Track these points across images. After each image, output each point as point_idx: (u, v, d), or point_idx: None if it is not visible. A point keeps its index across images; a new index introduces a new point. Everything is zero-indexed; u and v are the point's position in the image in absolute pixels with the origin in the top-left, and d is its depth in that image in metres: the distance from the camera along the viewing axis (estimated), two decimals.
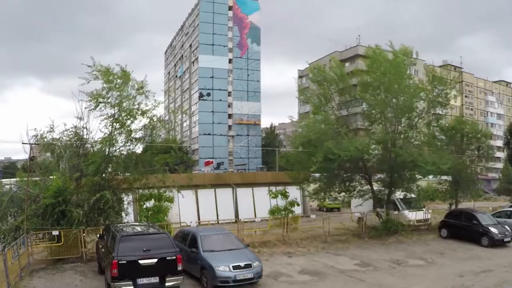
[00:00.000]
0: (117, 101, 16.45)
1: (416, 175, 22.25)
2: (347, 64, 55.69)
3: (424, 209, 24.24)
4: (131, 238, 11.53)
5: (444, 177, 26.73)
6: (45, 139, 16.65)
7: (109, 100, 16.37)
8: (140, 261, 10.80)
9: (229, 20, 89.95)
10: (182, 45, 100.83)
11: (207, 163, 72.84)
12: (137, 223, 17.07)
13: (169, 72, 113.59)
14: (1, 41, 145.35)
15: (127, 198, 18.59)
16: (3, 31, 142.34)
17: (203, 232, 14.09)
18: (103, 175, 16.72)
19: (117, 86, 16.40)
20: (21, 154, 17.24)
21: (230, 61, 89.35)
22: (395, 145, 21.29)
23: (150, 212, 18.69)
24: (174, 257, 11.17)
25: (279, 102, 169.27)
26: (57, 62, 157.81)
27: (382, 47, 22.69)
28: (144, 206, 18.86)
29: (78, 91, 16.43)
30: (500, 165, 63.24)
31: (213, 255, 12.58)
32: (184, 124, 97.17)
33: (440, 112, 25.03)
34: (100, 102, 16.27)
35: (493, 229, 19.31)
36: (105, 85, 16.36)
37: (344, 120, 23.68)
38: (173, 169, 20.49)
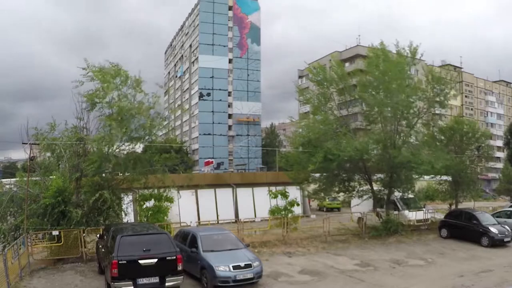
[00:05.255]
0: (113, 101, 16.42)
1: (413, 175, 22.25)
2: (347, 64, 55.67)
3: (424, 209, 24.27)
4: (131, 238, 11.51)
5: (444, 177, 26.73)
6: (46, 139, 16.64)
7: (106, 100, 16.34)
8: (140, 261, 10.79)
9: (229, 20, 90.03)
10: (182, 45, 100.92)
11: (207, 163, 72.78)
12: (137, 223, 17.08)
13: (169, 72, 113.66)
14: None
15: (127, 198, 18.58)
16: None
17: (203, 232, 14.08)
18: (103, 175, 16.72)
19: (113, 85, 16.33)
20: (21, 153, 17.14)
21: (230, 61, 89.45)
22: (395, 145, 21.30)
23: (150, 212, 18.66)
24: (174, 257, 11.17)
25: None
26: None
27: (387, 45, 22.71)
28: (144, 206, 18.85)
29: (76, 92, 16.43)
30: (500, 165, 63.30)
31: (213, 255, 12.58)
32: (184, 124, 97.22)
33: (439, 112, 25.01)
34: (97, 102, 16.25)
35: (493, 229, 19.31)
36: (100, 85, 16.31)
37: (344, 120, 23.68)
38: (173, 169, 20.44)
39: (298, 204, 22.89)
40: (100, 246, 13.37)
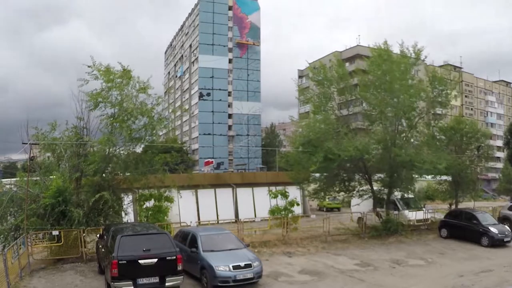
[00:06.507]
0: (117, 101, 16.44)
1: (414, 175, 22.23)
2: (347, 64, 55.52)
3: (424, 209, 24.25)
4: (131, 238, 11.52)
5: (444, 177, 26.72)
6: (46, 139, 16.64)
7: (109, 100, 16.37)
8: (140, 261, 10.80)
9: (229, 20, 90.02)
10: (182, 45, 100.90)
11: (207, 163, 72.82)
12: (137, 223, 17.08)
13: (169, 72, 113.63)
14: None
15: (127, 198, 18.58)
16: None
17: (203, 232, 14.08)
18: (103, 175, 16.72)
19: (117, 85, 16.38)
20: (21, 154, 17.14)
21: (230, 61, 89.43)
22: (395, 145, 21.28)
23: (150, 212, 18.69)
24: (174, 257, 11.17)
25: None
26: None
27: (390, 45, 22.69)
28: (144, 206, 18.86)
29: (78, 91, 16.46)
30: (500, 165, 63.28)
31: (213, 255, 12.58)
32: (184, 124, 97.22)
33: (440, 112, 25.00)
34: (100, 102, 16.27)
35: (493, 229, 19.33)
36: (105, 85, 16.34)
37: (344, 119, 23.64)
38: (173, 169, 20.45)
39: (298, 204, 22.92)
40: (100, 246, 13.37)
